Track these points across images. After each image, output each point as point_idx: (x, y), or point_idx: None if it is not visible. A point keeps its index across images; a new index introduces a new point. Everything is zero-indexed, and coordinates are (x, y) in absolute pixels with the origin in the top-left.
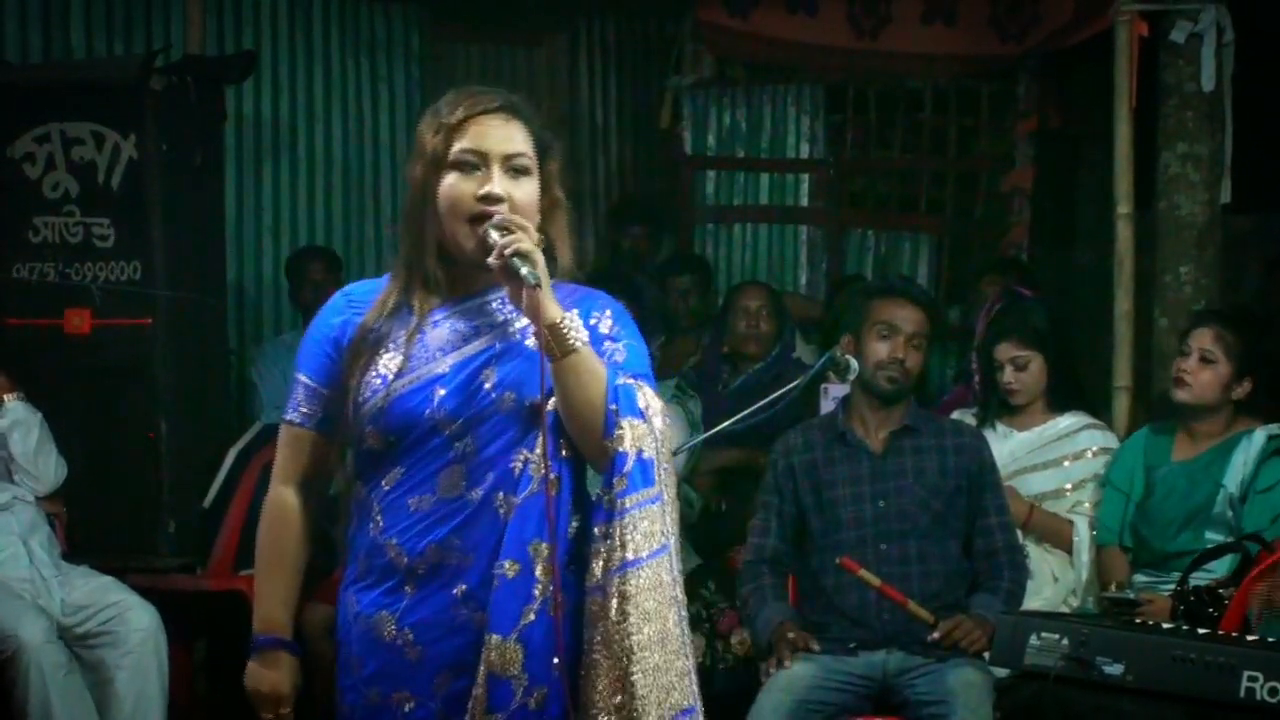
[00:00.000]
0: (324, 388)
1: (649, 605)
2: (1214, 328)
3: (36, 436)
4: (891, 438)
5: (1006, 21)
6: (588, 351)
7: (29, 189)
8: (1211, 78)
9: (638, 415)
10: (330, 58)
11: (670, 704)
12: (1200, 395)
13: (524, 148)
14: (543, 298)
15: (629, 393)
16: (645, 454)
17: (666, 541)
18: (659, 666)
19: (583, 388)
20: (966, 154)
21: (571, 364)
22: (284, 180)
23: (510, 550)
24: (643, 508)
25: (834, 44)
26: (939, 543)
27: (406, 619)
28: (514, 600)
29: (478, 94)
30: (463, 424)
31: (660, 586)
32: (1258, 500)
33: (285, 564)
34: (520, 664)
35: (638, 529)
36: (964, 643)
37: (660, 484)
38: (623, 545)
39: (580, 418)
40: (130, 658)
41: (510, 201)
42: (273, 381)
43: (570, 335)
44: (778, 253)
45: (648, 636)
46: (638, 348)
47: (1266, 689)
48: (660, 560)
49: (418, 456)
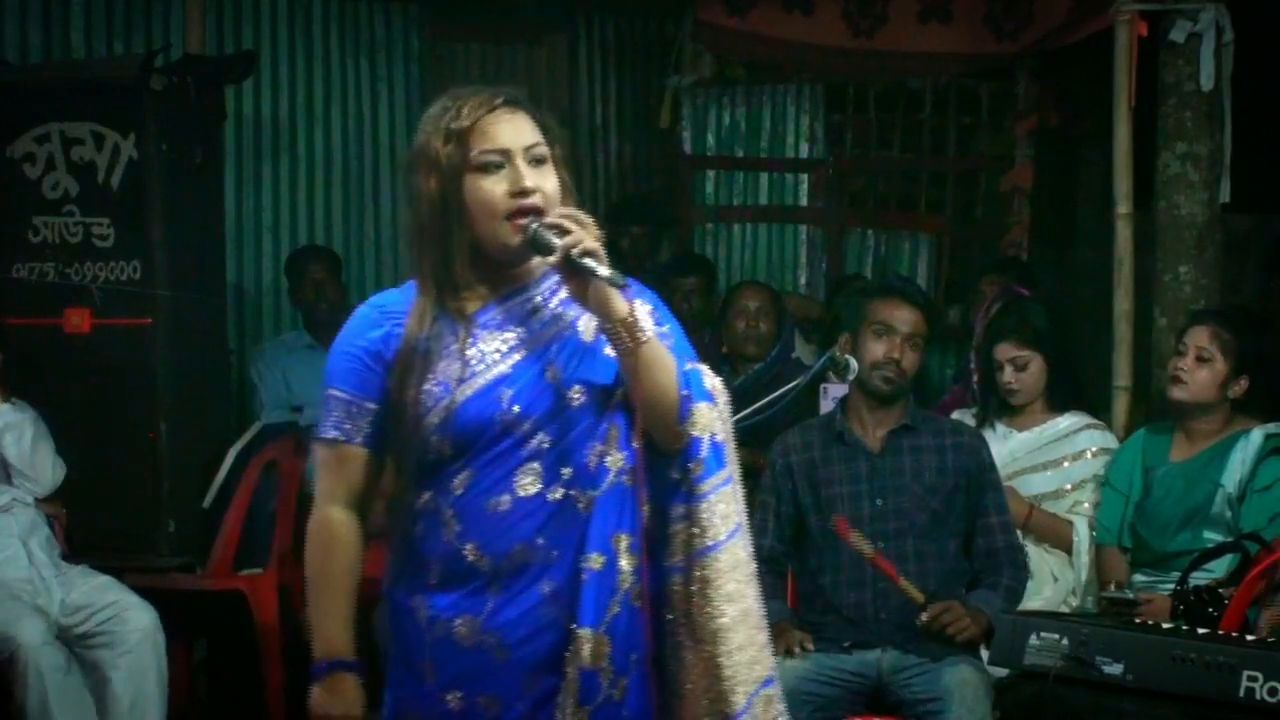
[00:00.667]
0: (367, 401)
1: (730, 587)
2: (1210, 326)
3: (30, 438)
4: (890, 437)
5: (1002, 20)
6: (657, 340)
7: (29, 189)
8: (1211, 77)
9: (708, 399)
10: (330, 57)
11: (754, 678)
12: (1197, 394)
13: (538, 137)
14: (611, 291)
15: (698, 377)
16: (718, 437)
17: (740, 521)
18: (742, 644)
19: (656, 376)
20: (966, 154)
21: (645, 354)
22: (284, 180)
23: (595, 544)
24: (719, 490)
25: (831, 43)
26: (937, 542)
27: (492, 621)
28: (602, 593)
29: (477, 94)
30: (533, 422)
31: (739, 565)
32: (1256, 499)
33: (340, 586)
34: (608, 656)
35: (716, 512)
36: (952, 629)
37: (730, 465)
38: (703, 530)
39: (655, 405)
40: (129, 657)
41: (541, 192)
42: (272, 382)
43: (641, 324)
44: (777, 252)
45: (731, 618)
46: (681, 333)
47: (1266, 689)
48: (736, 540)
49: (489, 459)
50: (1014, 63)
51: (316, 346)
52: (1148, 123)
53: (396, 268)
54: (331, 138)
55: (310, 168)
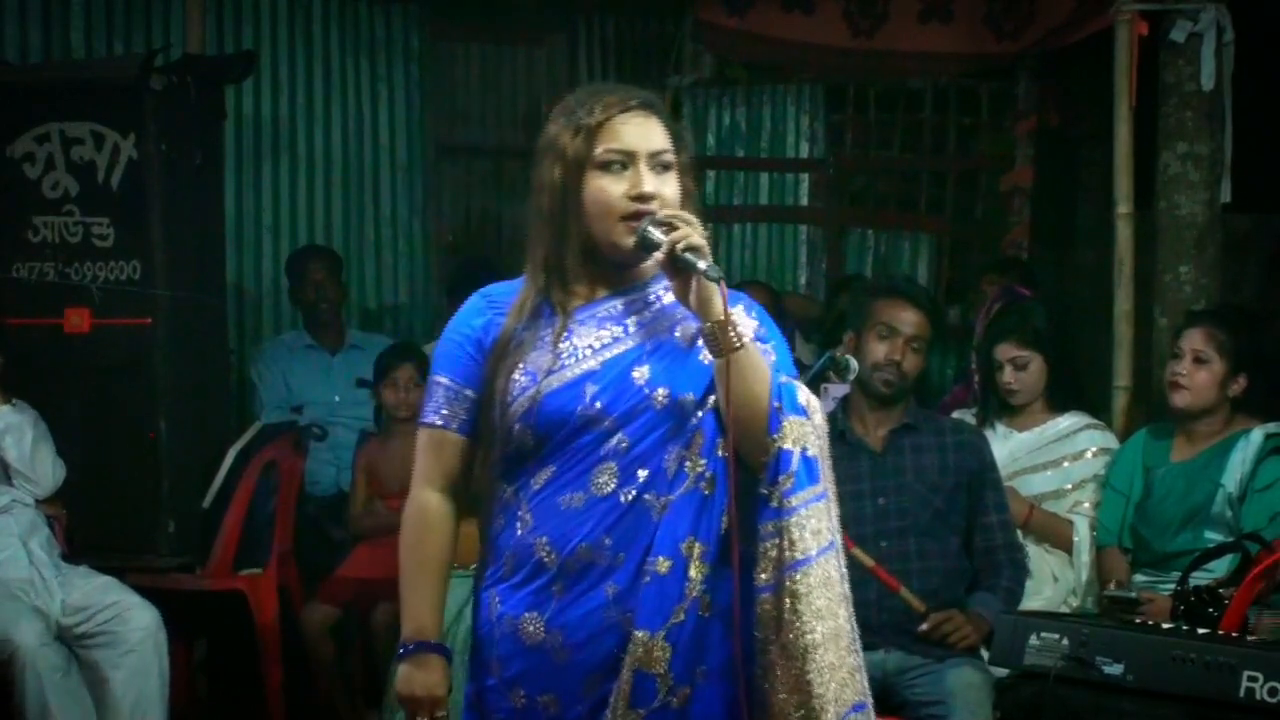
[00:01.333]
0: (467, 389)
1: (820, 603)
2: (1204, 328)
3: (30, 440)
4: (891, 436)
5: (1003, 20)
6: (753, 348)
7: (29, 189)
8: (1211, 77)
9: (800, 413)
10: (330, 57)
11: (844, 700)
12: (1197, 398)
13: (666, 144)
14: (714, 292)
15: (791, 390)
16: (810, 451)
17: (833, 538)
18: (833, 664)
19: (749, 384)
20: (966, 154)
21: (739, 360)
22: (284, 180)
23: (663, 547)
24: (810, 505)
25: (831, 43)
26: (939, 540)
27: (556, 620)
28: (664, 598)
29: (613, 93)
30: (614, 421)
31: (830, 583)
32: (1256, 499)
33: (432, 569)
34: (666, 662)
35: (806, 527)
36: (953, 638)
37: (824, 481)
38: (792, 544)
39: (745, 414)
40: (131, 657)
41: (660, 198)
42: (272, 381)
43: (733, 332)
44: (777, 252)
45: (821, 635)
46: (785, 348)
47: (1266, 689)
48: (828, 557)
49: (568, 454)
50: (1014, 63)
51: (316, 346)
52: (1148, 123)
53: (396, 267)
54: (331, 138)
55: (310, 168)
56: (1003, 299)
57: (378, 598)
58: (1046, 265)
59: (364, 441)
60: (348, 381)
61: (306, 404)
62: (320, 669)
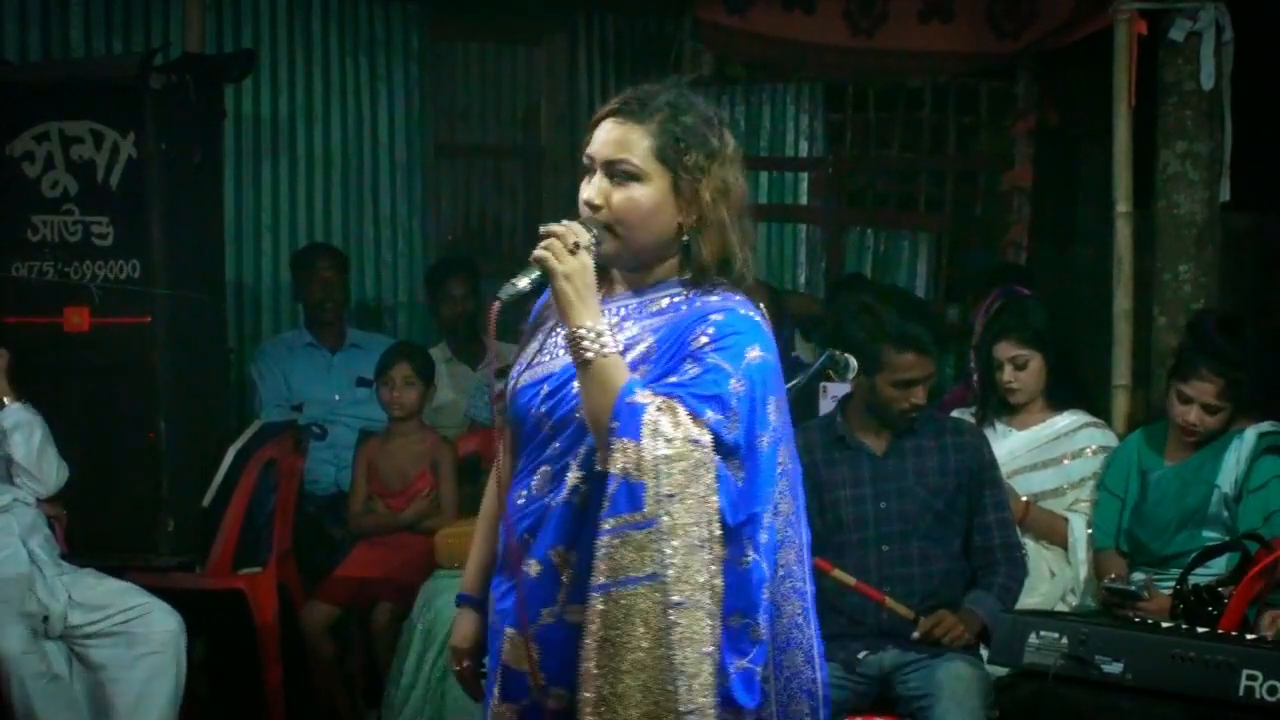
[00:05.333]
0: None
1: (612, 634)
2: (1215, 381)
3: (39, 439)
4: (892, 439)
5: (1003, 19)
6: (603, 364)
7: (28, 188)
8: (1211, 76)
9: (634, 437)
10: (330, 56)
11: None
12: (1208, 435)
13: (629, 153)
14: (565, 305)
15: (634, 412)
16: (633, 478)
17: (656, 571)
18: (619, 696)
19: (591, 399)
20: (965, 152)
21: (583, 375)
22: (283, 179)
23: (535, 552)
24: (622, 533)
25: (831, 42)
26: (941, 543)
27: (498, 605)
28: (531, 600)
29: (623, 93)
30: (552, 426)
31: (632, 616)
32: (1251, 499)
33: (483, 530)
34: (535, 662)
35: (612, 553)
36: (946, 639)
37: (655, 511)
38: (596, 567)
39: (591, 428)
40: (151, 659)
41: (608, 207)
42: (272, 380)
43: (583, 345)
44: (777, 251)
45: (601, 665)
46: (716, 369)
47: (1265, 687)
48: (640, 588)
49: (528, 451)
50: (1013, 62)
51: (316, 345)
52: (1147, 121)
53: (396, 267)
54: (331, 137)
55: (310, 167)
56: (1002, 298)
57: (377, 597)
58: (1046, 264)
59: (364, 440)
60: (348, 380)
61: (306, 403)
62: (320, 668)
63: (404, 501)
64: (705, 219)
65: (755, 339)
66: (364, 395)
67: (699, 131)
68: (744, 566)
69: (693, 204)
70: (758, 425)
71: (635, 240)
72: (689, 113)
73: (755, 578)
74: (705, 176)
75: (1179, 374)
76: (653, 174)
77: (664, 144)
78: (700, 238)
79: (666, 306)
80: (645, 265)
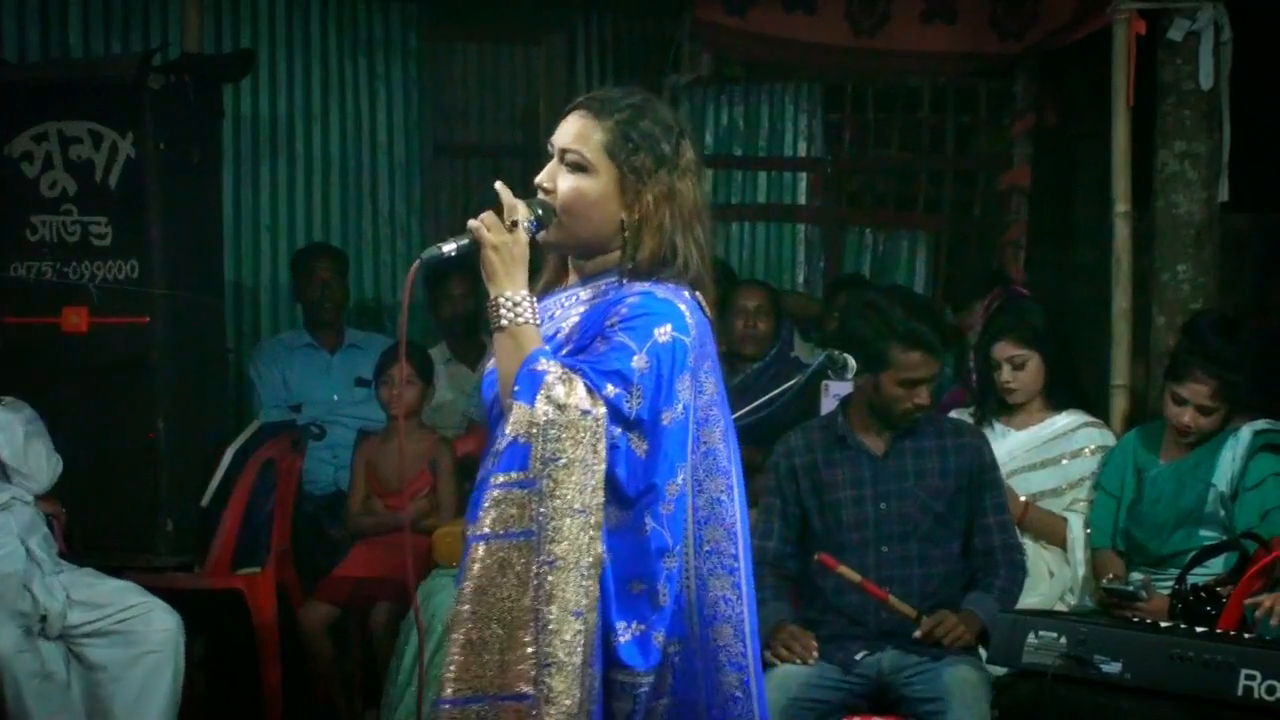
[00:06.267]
0: None
1: (484, 581)
2: (1209, 383)
3: (22, 436)
4: (893, 440)
5: (1006, 20)
6: (516, 331)
7: (27, 188)
8: (1210, 76)
9: (528, 401)
10: (328, 56)
11: (492, 683)
12: (1203, 435)
13: (580, 145)
14: (490, 273)
15: (533, 379)
16: (521, 439)
17: (530, 529)
18: (483, 641)
19: (501, 365)
20: (964, 152)
21: (497, 339)
22: (282, 179)
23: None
24: (505, 489)
25: (833, 42)
26: (940, 544)
27: None
28: None
29: (594, 92)
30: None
31: (505, 568)
32: (1247, 497)
33: None
34: None
35: (494, 506)
36: (947, 640)
37: (537, 472)
38: (480, 518)
39: (501, 395)
40: (150, 658)
41: (554, 193)
42: (271, 380)
43: (500, 313)
44: (775, 251)
45: (471, 611)
46: (621, 346)
47: (1264, 687)
48: (513, 543)
49: (495, 437)
50: (1013, 62)
51: (315, 345)
52: (1146, 121)
53: (395, 267)
54: (330, 137)
55: (309, 167)
56: (1001, 298)
57: (376, 597)
58: (1045, 264)
59: (362, 440)
60: (346, 380)
61: (305, 403)
62: (318, 668)
63: (402, 501)
64: (646, 219)
65: (667, 319)
66: (363, 395)
67: (653, 136)
68: (643, 535)
69: (635, 203)
70: (662, 401)
71: (575, 228)
72: (648, 119)
73: (654, 546)
74: (650, 179)
75: (1173, 375)
76: (600, 168)
77: (615, 141)
78: (638, 236)
79: (595, 294)
80: (589, 254)
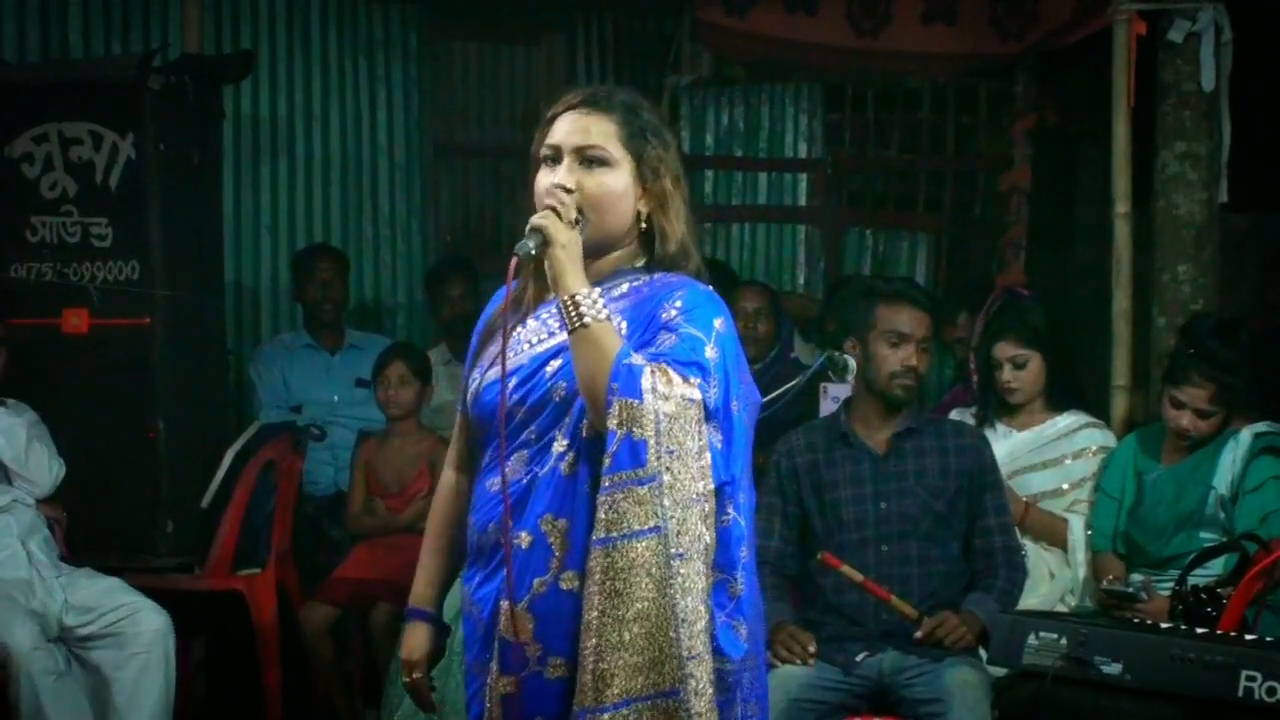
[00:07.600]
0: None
1: (617, 584)
2: (1208, 386)
3: (24, 439)
4: (894, 440)
5: (1006, 20)
6: (599, 329)
7: (27, 189)
8: (1210, 77)
9: (635, 396)
10: (329, 57)
11: (638, 686)
12: (1201, 439)
13: (599, 140)
14: (560, 271)
15: (633, 373)
16: (635, 435)
17: (659, 524)
18: (625, 645)
19: (588, 363)
20: (964, 153)
21: (579, 338)
22: (282, 180)
23: (524, 523)
24: (625, 488)
25: (833, 43)
26: (940, 544)
27: (474, 595)
28: (526, 571)
29: (582, 89)
30: (527, 412)
31: (635, 568)
32: (1247, 500)
33: (432, 541)
34: (530, 632)
35: (615, 507)
36: (948, 640)
37: (656, 466)
38: (599, 522)
39: (585, 393)
40: (139, 659)
41: (580, 191)
42: (271, 381)
43: (581, 309)
44: (776, 252)
45: (606, 614)
46: (691, 337)
47: (1265, 688)
48: (643, 541)
49: (495, 445)
50: (1013, 62)
51: (315, 346)
52: (1146, 122)
53: (395, 267)
54: (330, 137)
55: (309, 167)
56: (1002, 298)
57: (376, 597)
58: (1045, 264)
59: (362, 441)
60: (347, 381)
61: (305, 404)
62: (319, 669)
63: (402, 502)
64: (664, 207)
65: (719, 310)
66: (363, 396)
67: (656, 126)
68: (725, 524)
69: (652, 190)
70: (732, 390)
71: (602, 224)
72: (645, 110)
73: (734, 535)
74: (662, 167)
75: (1171, 379)
76: (621, 160)
77: (630, 132)
78: (664, 221)
79: (628, 291)
80: (600, 253)
